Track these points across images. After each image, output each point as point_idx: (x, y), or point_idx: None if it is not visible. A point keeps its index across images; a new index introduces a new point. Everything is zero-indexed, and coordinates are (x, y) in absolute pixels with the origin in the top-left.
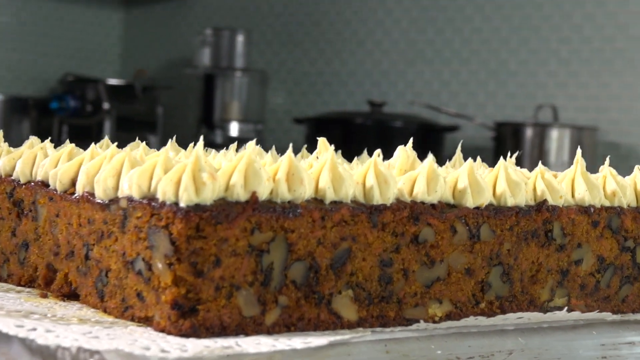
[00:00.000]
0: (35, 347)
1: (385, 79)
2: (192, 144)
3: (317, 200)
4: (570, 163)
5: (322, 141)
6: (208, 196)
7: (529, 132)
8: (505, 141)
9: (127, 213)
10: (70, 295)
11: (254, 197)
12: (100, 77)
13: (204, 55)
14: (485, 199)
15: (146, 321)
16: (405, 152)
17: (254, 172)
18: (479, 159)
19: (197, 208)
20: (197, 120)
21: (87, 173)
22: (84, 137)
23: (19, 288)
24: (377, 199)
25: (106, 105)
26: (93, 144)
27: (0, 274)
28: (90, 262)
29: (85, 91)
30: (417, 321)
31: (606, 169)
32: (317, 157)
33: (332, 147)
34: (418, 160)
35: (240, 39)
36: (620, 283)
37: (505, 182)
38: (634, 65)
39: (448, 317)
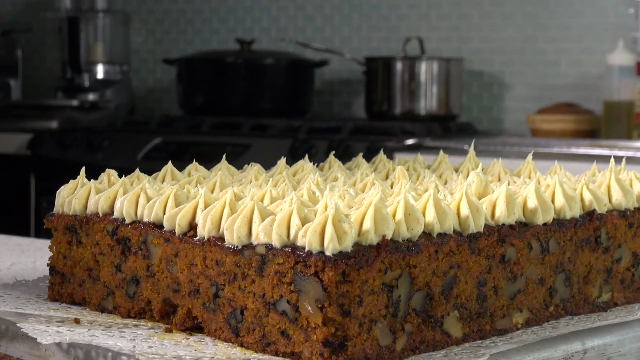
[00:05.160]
0: None
1: (249, 15)
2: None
3: (426, 234)
4: (440, 94)
5: (400, 170)
6: (349, 243)
7: (399, 66)
8: (376, 75)
9: (265, 259)
10: (194, 328)
11: (385, 241)
12: None
13: None
14: (552, 215)
15: (292, 356)
16: (479, 176)
17: (382, 217)
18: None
19: (341, 256)
20: (60, 64)
21: (212, 220)
22: None
23: (136, 322)
24: (472, 228)
25: None
26: (205, 188)
27: (104, 305)
28: (220, 300)
29: None
30: (506, 330)
31: (631, 173)
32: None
33: (434, 179)
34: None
35: None
36: None
37: (563, 197)
38: None
39: (527, 323)
